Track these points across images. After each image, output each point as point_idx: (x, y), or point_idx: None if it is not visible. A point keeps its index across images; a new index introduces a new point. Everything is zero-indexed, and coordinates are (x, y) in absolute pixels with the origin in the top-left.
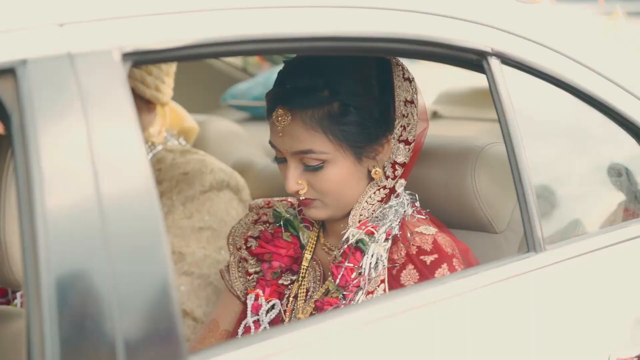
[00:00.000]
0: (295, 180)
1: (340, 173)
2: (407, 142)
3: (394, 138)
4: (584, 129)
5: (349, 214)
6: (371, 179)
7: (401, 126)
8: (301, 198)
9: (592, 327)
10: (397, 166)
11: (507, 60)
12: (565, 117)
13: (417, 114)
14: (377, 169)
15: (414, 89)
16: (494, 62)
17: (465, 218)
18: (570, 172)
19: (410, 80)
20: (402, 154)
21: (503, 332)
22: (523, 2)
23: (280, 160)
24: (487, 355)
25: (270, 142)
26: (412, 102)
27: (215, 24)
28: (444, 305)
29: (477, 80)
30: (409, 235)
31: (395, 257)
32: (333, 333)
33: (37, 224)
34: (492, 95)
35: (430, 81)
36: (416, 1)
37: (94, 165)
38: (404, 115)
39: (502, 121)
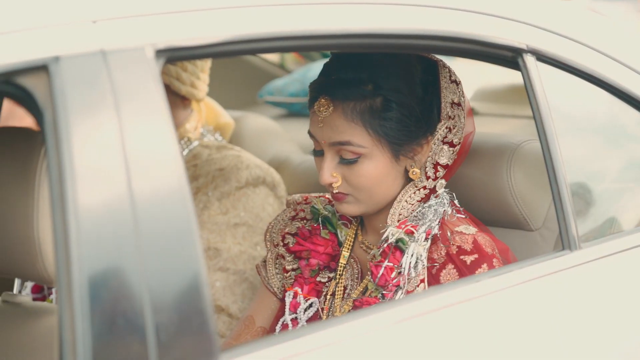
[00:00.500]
0: (330, 172)
1: (376, 169)
2: (451, 144)
3: (437, 139)
4: (620, 126)
5: (384, 211)
6: (408, 178)
7: (446, 127)
8: (334, 191)
9: (627, 326)
10: (439, 167)
11: (542, 57)
12: (601, 114)
13: (464, 117)
14: (415, 169)
15: (460, 92)
16: (530, 59)
17: (500, 215)
18: (606, 169)
19: (457, 82)
20: (445, 156)
21: (537, 331)
22: None
23: (318, 152)
24: (521, 354)
25: (309, 132)
26: (459, 104)
27: (248, 21)
28: (478, 303)
29: (514, 77)
30: (449, 234)
31: (435, 256)
32: (364, 331)
33: (69, 221)
34: (527, 93)
35: (468, 78)
36: None
37: (127, 162)
38: (449, 117)
39: (537, 118)
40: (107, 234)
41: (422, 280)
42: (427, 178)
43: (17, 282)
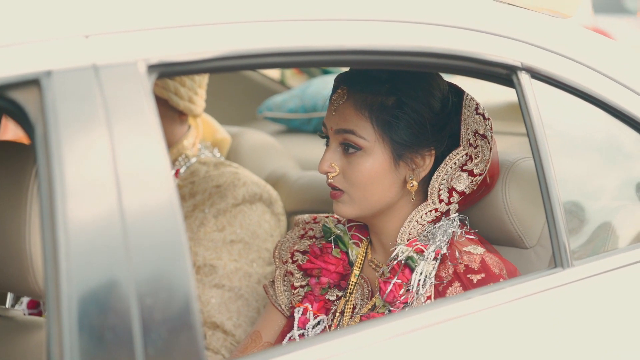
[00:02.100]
0: (330, 162)
1: (374, 167)
2: (471, 173)
3: (455, 164)
4: (615, 144)
5: (393, 228)
6: (406, 191)
7: (467, 154)
8: (329, 181)
9: (619, 344)
10: (454, 193)
11: (537, 75)
12: (596, 132)
13: (489, 150)
14: (414, 182)
15: (488, 126)
16: (524, 77)
17: (495, 233)
18: (600, 188)
19: (485, 117)
20: (462, 183)
21: (528, 348)
22: (553, 16)
23: (327, 142)
24: None
25: (323, 123)
26: (484, 136)
27: (241, 37)
28: (469, 319)
29: (512, 94)
30: (457, 254)
31: (443, 274)
32: (350, 348)
33: (59, 234)
34: (521, 110)
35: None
36: (446, 15)
37: (117, 176)
38: (471, 145)
39: (531, 136)
40: (97, 248)
41: (429, 297)
42: (440, 201)
43: (9, 296)
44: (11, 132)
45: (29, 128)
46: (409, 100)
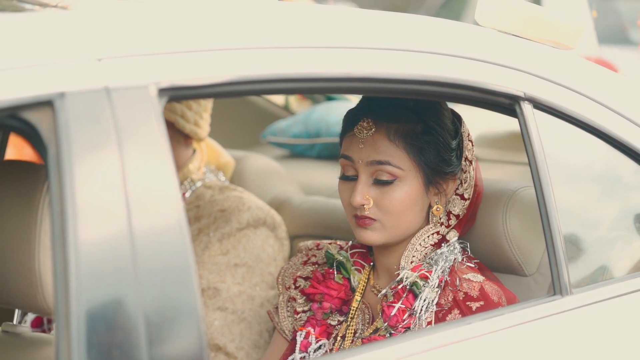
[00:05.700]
0: (364, 194)
1: (408, 194)
2: (462, 197)
3: (457, 189)
4: (615, 175)
5: (397, 253)
6: (428, 217)
7: (458, 179)
8: (364, 213)
9: None
10: (452, 216)
11: (539, 106)
12: (596, 163)
13: (474, 177)
14: (439, 206)
15: (473, 151)
16: (527, 107)
17: (495, 260)
18: (600, 218)
19: (472, 142)
20: (457, 207)
21: None
22: (557, 48)
23: (349, 177)
24: None
25: (342, 156)
26: (471, 162)
27: (251, 62)
28: (468, 345)
29: (515, 123)
30: (457, 281)
31: (442, 301)
32: None
33: (69, 254)
34: (523, 140)
35: (469, 124)
36: (450, 45)
37: (127, 198)
38: (462, 170)
39: (532, 165)
40: (106, 268)
41: (429, 323)
42: (441, 225)
43: (17, 312)
44: (27, 152)
45: (41, 148)
46: (435, 125)
